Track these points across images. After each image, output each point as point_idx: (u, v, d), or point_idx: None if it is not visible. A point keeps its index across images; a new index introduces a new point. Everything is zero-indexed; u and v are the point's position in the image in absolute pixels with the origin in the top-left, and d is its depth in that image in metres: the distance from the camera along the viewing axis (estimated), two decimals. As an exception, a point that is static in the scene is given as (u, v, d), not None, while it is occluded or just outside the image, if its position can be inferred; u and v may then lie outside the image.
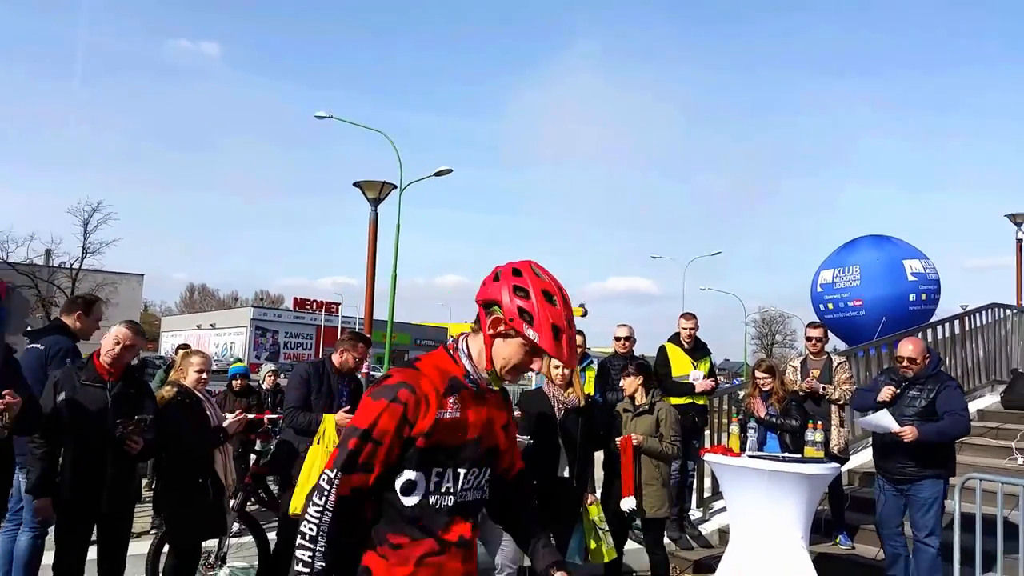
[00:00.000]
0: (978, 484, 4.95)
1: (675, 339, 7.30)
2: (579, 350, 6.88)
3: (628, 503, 5.36)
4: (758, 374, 6.23)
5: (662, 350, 7.36)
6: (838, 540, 6.72)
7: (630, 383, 5.65)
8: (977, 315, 10.47)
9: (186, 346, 7.02)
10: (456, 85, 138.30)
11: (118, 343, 4.30)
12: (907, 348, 5.34)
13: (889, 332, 11.43)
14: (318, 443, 4.93)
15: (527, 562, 5.15)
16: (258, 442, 8.83)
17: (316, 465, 4.87)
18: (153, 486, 4.82)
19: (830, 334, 10.17)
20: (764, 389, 6.10)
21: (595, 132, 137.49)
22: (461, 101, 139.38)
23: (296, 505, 4.81)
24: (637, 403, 5.59)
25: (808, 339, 7.18)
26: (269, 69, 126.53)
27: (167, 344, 56.65)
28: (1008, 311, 10.88)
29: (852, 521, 6.76)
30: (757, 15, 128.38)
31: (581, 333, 7.06)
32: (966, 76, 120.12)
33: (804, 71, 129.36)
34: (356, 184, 14.09)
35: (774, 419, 5.98)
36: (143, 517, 6.40)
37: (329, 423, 4.94)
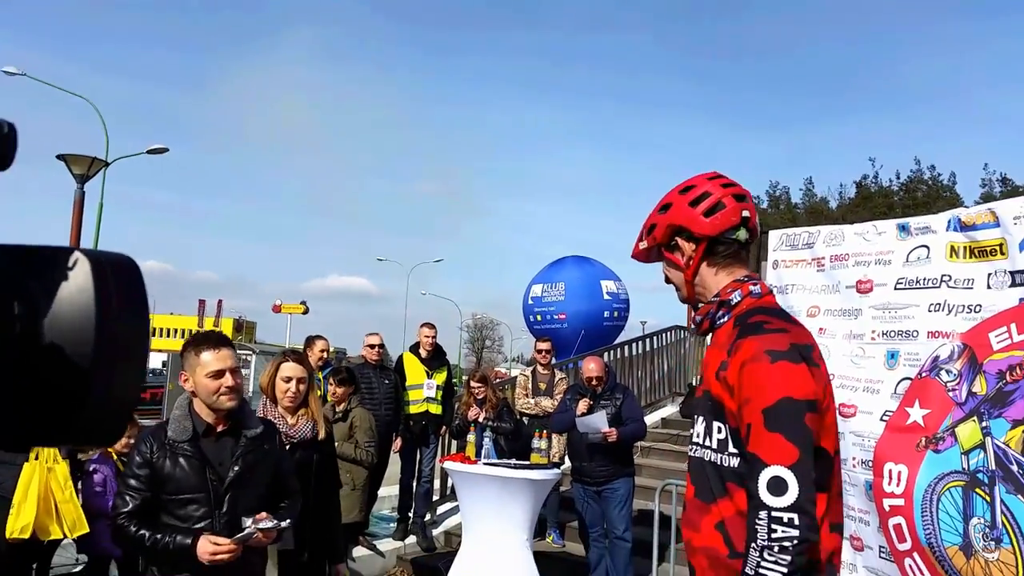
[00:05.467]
0: (674, 488, 5.77)
1: (415, 348, 7.54)
2: (324, 355, 6.88)
3: None
4: (473, 384, 6.68)
5: (400, 359, 7.56)
6: (551, 538, 7.38)
7: (342, 393, 5.57)
8: (663, 335, 12.03)
9: None
10: (168, 53, 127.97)
11: None
12: (592, 368, 6.05)
13: (586, 344, 12.83)
14: (35, 459, 4.42)
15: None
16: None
17: (34, 483, 4.37)
18: None
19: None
20: (479, 397, 6.55)
21: (321, 125, 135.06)
22: (173, 73, 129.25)
23: (13, 528, 4.27)
24: (337, 410, 5.50)
25: (538, 351, 7.79)
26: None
27: None
28: (685, 332, 12.57)
29: (563, 520, 7.44)
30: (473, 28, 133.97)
31: (323, 338, 7.04)
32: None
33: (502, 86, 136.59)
34: (60, 157, 12.58)
35: (490, 423, 6.43)
36: None
37: None
